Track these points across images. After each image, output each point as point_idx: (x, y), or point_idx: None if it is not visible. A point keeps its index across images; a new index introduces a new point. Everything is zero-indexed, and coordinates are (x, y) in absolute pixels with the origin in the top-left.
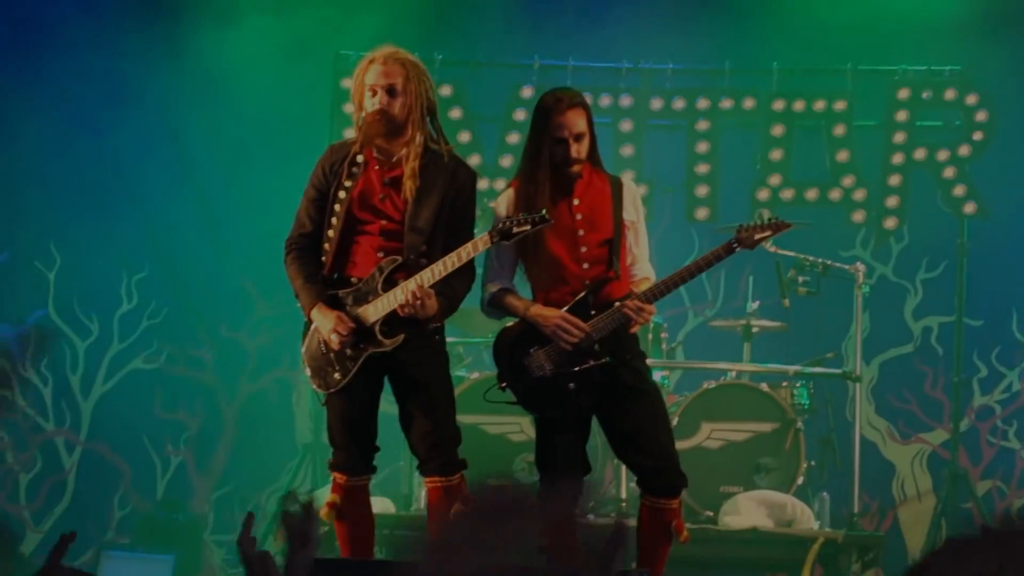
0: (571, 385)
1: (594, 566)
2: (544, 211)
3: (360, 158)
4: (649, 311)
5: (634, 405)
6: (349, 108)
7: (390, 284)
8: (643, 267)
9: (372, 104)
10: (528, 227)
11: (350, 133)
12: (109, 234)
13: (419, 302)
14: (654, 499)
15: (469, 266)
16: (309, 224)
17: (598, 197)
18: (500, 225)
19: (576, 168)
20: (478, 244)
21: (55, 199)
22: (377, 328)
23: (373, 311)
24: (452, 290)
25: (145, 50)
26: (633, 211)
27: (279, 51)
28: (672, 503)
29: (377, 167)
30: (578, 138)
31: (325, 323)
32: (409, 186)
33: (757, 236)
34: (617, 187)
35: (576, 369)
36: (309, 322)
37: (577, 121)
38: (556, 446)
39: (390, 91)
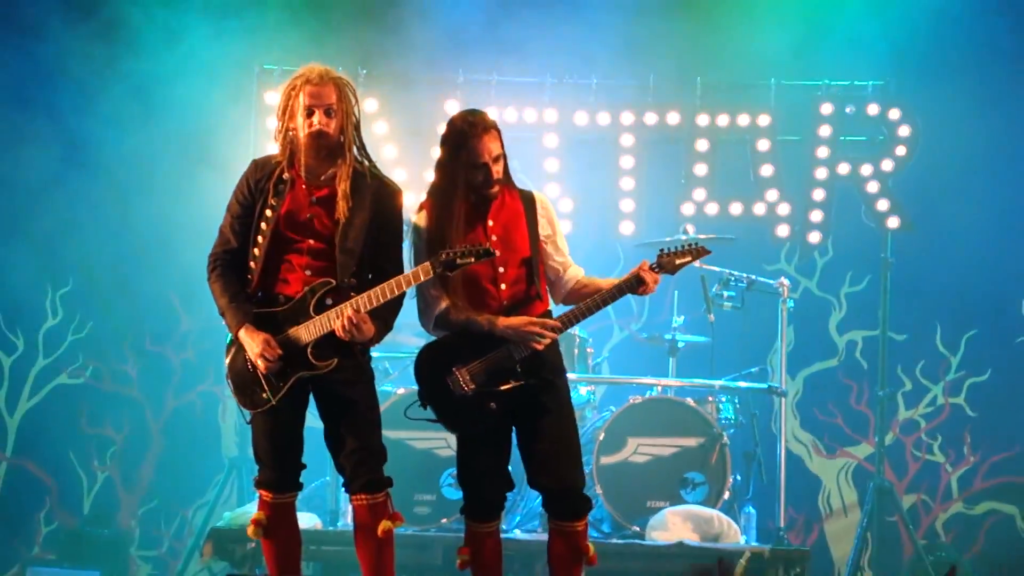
0: (492, 405)
1: None
2: (488, 245)
3: (286, 175)
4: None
5: (544, 426)
6: (272, 123)
7: (321, 306)
8: (574, 270)
9: (309, 125)
10: (472, 259)
11: (273, 148)
12: (34, 249)
13: (355, 327)
14: (558, 522)
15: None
16: (234, 240)
17: (512, 217)
18: (444, 257)
19: (495, 189)
20: (419, 274)
21: None
22: (309, 350)
23: (306, 333)
24: (386, 311)
25: (74, 61)
26: (548, 225)
27: (203, 64)
28: (577, 525)
29: (304, 185)
30: (496, 160)
31: (252, 345)
32: (343, 207)
33: (678, 262)
34: (530, 203)
35: (499, 388)
36: (235, 339)
37: (493, 144)
38: (477, 464)
39: (328, 112)
